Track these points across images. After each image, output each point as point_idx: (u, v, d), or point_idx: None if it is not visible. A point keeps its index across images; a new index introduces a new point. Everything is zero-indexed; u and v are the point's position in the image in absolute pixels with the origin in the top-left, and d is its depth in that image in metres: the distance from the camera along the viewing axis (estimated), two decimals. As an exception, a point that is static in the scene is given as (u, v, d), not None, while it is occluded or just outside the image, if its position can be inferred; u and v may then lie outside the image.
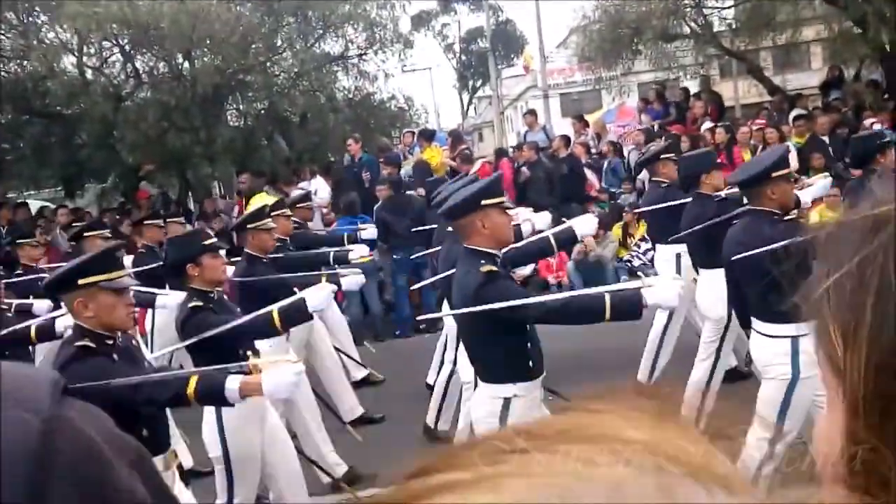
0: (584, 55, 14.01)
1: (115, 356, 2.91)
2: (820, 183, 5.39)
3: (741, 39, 13.34)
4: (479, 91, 35.40)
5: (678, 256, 5.46)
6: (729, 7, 13.40)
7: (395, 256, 8.48)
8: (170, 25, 10.94)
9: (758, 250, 3.39)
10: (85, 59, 12.27)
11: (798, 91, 13.64)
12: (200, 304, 3.60)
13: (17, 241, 7.01)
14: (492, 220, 3.27)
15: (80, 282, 2.82)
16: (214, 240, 3.94)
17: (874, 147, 5.20)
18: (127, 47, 12.25)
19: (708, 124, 10.72)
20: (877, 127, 8.36)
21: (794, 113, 10.47)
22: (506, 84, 29.43)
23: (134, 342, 3.26)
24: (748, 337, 4.03)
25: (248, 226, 5.04)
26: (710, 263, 4.78)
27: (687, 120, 11.49)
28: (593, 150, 11.82)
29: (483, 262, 3.20)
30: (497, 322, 3.19)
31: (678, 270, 5.40)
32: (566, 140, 11.06)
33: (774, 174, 3.67)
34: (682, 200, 5.31)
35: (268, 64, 12.64)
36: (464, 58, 35.24)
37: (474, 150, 14.90)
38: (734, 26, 13.48)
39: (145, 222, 7.15)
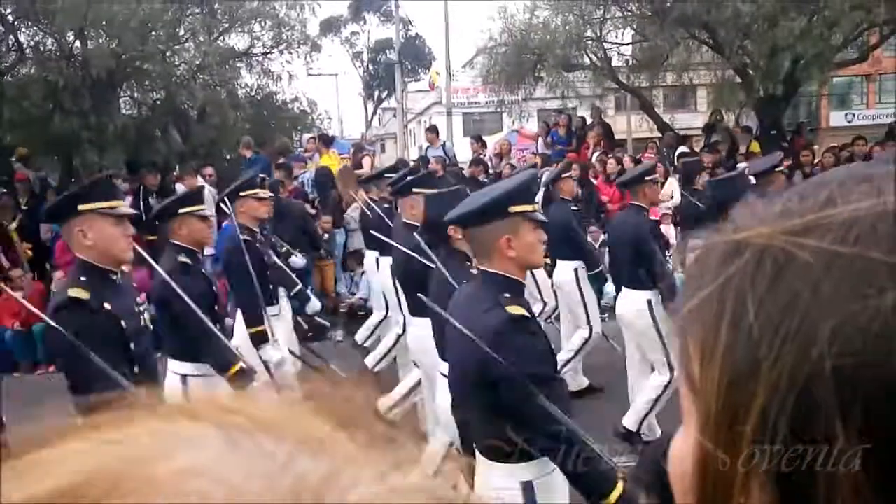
0: (489, 77, 14.37)
1: None
2: None
3: (637, 76, 14.09)
4: (384, 102, 35.44)
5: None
6: (627, 44, 14.16)
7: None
8: (63, 0, 10.36)
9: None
10: (-42, 26, 11.42)
11: (685, 130, 14.54)
12: None
13: None
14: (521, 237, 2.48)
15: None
16: None
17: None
18: (10, 17, 11.48)
19: (598, 153, 11.21)
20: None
21: (679, 150, 11.13)
22: (411, 98, 29.62)
23: None
24: None
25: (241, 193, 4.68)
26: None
27: (581, 148, 11.97)
28: (491, 171, 12.09)
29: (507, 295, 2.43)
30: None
31: None
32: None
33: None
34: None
35: (168, 53, 12.18)
36: (371, 68, 35.23)
37: (376, 160, 14.90)
38: (630, 63, 14.23)
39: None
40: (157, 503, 0.29)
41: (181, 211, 3.82)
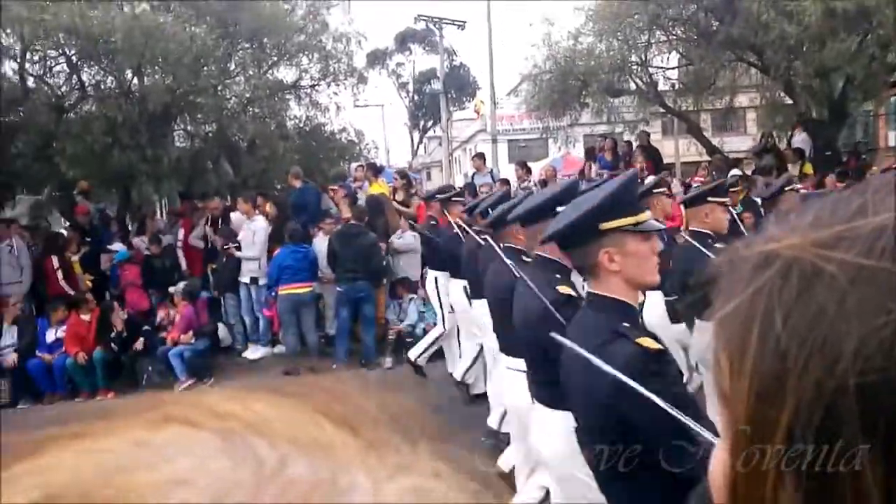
0: (534, 104, 14.40)
1: None
2: None
3: (683, 100, 13.95)
4: (429, 131, 35.81)
5: None
6: (673, 68, 14.04)
7: (338, 288, 8.35)
8: (122, 40, 10.79)
9: None
10: (28, 66, 11.96)
11: (734, 153, 14.30)
12: None
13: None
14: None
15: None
16: None
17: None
18: (74, 58, 12.01)
19: (649, 179, 11.08)
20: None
21: (731, 173, 10.94)
22: (456, 126, 29.88)
23: None
24: None
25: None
26: None
27: (629, 173, 11.88)
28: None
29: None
30: None
31: None
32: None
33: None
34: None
35: (219, 87, 12.57)
36: (416, 97, 35.69)
37: (422, 188, 15.03)
38: (676, 87, 14.10)
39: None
40: None
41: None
